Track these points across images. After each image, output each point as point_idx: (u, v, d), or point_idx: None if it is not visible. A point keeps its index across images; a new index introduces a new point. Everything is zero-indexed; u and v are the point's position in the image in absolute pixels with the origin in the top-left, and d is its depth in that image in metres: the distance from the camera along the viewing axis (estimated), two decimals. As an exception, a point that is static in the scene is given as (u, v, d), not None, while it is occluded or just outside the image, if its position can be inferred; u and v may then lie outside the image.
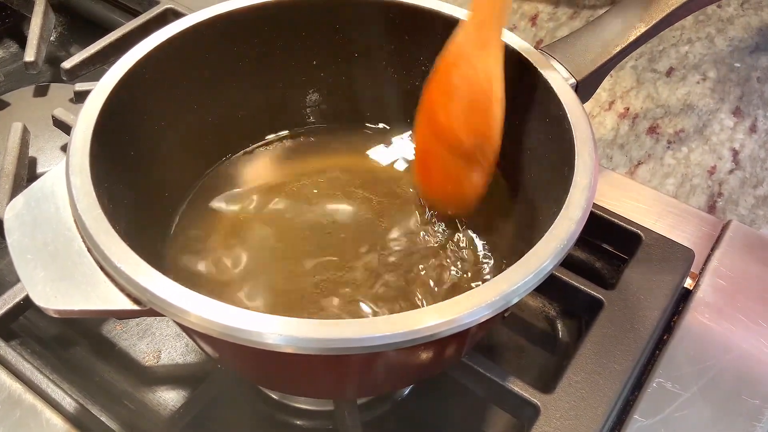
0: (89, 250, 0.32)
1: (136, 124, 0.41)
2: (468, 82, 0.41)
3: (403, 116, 0.50)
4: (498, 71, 0.40)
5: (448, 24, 0.45)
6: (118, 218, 0.35)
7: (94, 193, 0.33)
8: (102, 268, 0.31)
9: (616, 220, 0.50)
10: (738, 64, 0.70)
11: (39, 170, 0.56)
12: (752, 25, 0.74)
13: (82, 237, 0.32)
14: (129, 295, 0.31)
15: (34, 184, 0.35)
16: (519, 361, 0.49)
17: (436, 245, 0.45)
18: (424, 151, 0.46)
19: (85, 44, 0.63)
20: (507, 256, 0.43)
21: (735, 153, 0.61)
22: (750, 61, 0.70)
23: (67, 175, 0.34)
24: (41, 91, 0.63)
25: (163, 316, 0.31)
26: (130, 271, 0.30)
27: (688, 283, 0.49)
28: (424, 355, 0.35)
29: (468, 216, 0.46)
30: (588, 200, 0.34)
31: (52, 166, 0.56)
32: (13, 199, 0.35)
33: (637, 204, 0.53)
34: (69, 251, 0.32)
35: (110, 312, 0.31)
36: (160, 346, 0.48)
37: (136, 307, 0.30)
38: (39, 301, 0.31)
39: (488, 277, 0.43)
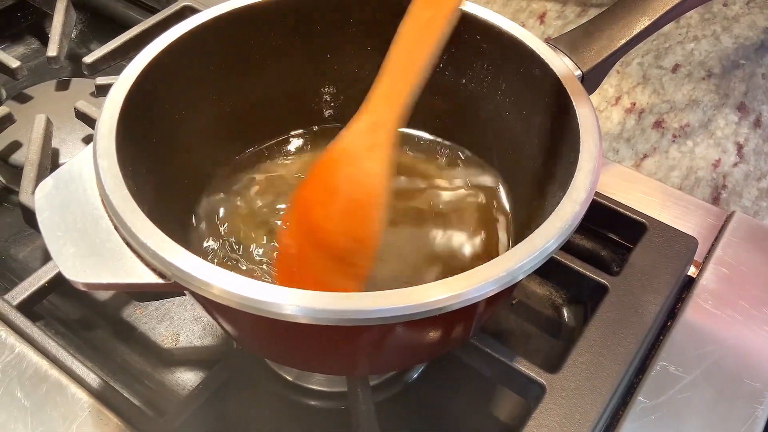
0: (116, 228, 0.33)
1: (157, 112, 0.42)
2: (351, 183, 0.39)
3: (414, 111, 0.52)
4: (386, 176, 0.38)
5: (460, 19, 0.46)
6: (142, 200, 0.36)
7: (120, 175, 0.34)
8: (128, 245, 0.33)
9: (621, 210, 0.51)
10: (743, 61, 0.71)
11: (61, 161, 0.58)
12: (758, 23, 0.75)
13: (109, 216, 0.34)
14: (154, 270, 0.32)
15: (63, 167, 0.37)
16: (526, 345, 0.51)
17: (441, 229, 0.46)
18: (289, 250, 0.41)
19: (104, 41, 0.65)
20: (514, 238, 0.45)
21: (739, 147, 0.63)
22: (755, 59, 0.71)
23: (94, 157, 0.35)
24: (63, 86, 0.65)
25: (185, 290, 0.33)
26: (156, 246, 0.32)
27: (692, 271, 0.50)
28: (435, 331, 0.36)
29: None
30: (592, 183, 0.35)
31: (75, 156, 0.59)
32: (43, 181, 0.36)
33: (643, 195, 0.55)
34: (97, 229, 0.34)
35: (137, 285, 0.32)
36: (178, 330, 0.50)
37: (160, 281, 0.32)
38: (69, 275, 0.32)
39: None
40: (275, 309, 0.30)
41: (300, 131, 0.52)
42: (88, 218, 0.34)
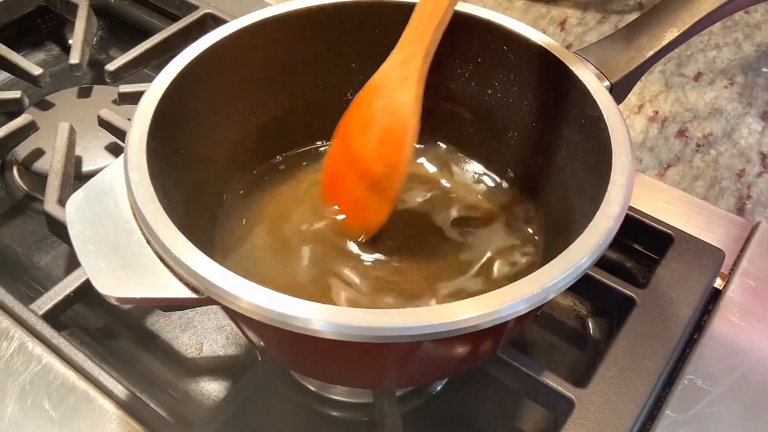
0: (148, 242, 0.33)
1: (185, 124, 0.42)
2: (385, 113, 0.42)
3: (438, 120, 0.52)
4: (415, 105, 0.41)
5: (483, 28, 0.46)
6: (172, 213, 0.36)
7: (151, 188, 0.34)
8: (161, 259, 0.33)
9: (647, 221, 0.51)
10: (765, 69, 0.70)
11: (84, 169, 0.58)
12: (780, 30, 0.74)
13: (141, 229, 0.34)
14: (187, 284, 0.32)
15: (93, 179, 0.37)
16: (550, 358, 0.50)
17: (467, 243, 0.46)
18: (333, 172, 0.46)
19: (124, 48, 0.65)
20: (542, 254, 0.44)
21: (763, 156, 0.62)
22: (778, 66, 0.71)
23: (126, 170, 0.35)
24: (84, 93, 0.65)
25: (217, 304, 0.33)
26: (189, 261, 0.31)
27: (718, 283, 0.50)
28: (464, 346, 0.36)
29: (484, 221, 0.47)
30: (625, 198, 0.35)
31: (98, 164, 0.59)
32: (74, 194, 0.36)
33: (667, 205, 0.54)
34: (129, 243, 0.34)
35: (170, 300, 0.32)
36: (201, 339, 0.50)
37: (194, 296, 0.32)
38: (102, 289, 0.32)
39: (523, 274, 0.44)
40: (303, 324, 0.30)
41: (324, 141, 0.52)
42: (120, 232, 0.34)
